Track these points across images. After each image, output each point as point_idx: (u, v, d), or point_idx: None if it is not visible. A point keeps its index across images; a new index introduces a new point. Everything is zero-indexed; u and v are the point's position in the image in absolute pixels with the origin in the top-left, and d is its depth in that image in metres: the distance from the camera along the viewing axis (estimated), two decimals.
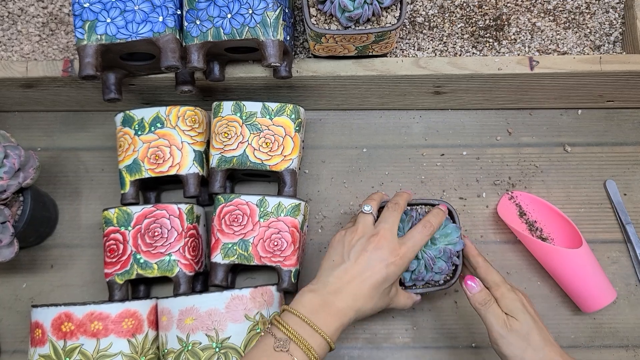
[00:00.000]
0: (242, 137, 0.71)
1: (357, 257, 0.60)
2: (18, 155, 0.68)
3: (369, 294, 0.59)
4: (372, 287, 0.59)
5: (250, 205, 0.69)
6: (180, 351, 0.63)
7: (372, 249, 0.60)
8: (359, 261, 0.60)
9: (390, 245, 0.60)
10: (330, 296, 0.58)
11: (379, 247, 0.60)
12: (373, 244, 0.60)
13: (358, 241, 0.61)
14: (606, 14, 0.79)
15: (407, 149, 0.80)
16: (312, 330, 0.56)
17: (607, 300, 0.70)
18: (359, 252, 0.60)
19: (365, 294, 0.59)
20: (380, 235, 0.61)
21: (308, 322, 0.56)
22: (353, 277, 0.59)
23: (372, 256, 0.60)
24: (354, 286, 0.59)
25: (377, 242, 0.60)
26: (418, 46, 0.77)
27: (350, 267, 0.60)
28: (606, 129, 0.81)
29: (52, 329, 0.63)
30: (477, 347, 0.73)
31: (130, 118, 0.71)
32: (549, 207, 0.75)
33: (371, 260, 0.60)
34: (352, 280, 0.59)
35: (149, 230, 0.68)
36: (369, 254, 0.60)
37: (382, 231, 0.61)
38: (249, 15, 0.64)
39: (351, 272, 0.59)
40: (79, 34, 0.64)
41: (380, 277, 0.59)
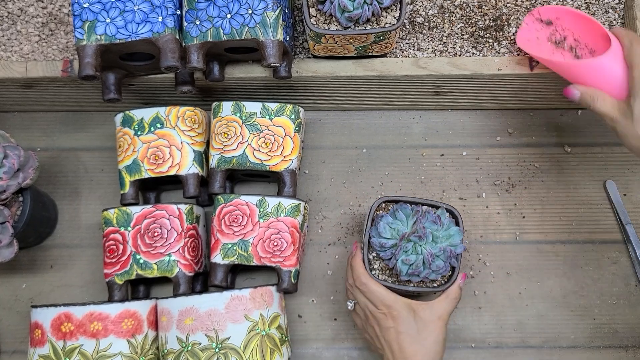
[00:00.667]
0: (242, 137, 0.71)
1: (380, 343, 0.63)
2: (18, 155, 0.68)
3: (414, 352, 0.61)
4: (410, 346, 0.61)
5: (250, 206, 0.69)
6: (179, 351, 0.63)
7: (379, 330, 0.63)
8: (383, 344, 0.63)
9: (378, 315, 0.63)
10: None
11: (379, 324, 0.63)
12: (376, 327, 0.64)
13: (370, 333, 0.65)
14: (606, 14, 0.78)
15: (407, 149, 0.80)
16: None
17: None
18: (378, 339, 0.64)
19: (413, 355, 0.61)
20: (369, 317, 0.64)
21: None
22: (395, 356, 0.62)
23: (383, 333, 0.63)
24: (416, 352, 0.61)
25: (374, 322, 0.64)
26: (418, 46, 0.77)
27: (386, 352, 0.63)
28: (606, 129, 0.80)
29: (52, 330, 0.63)
30: (476, 348, 0.73)
31: (129, 118, 0.71)
32: (567, 11, 0.69)
33: (385, 336, 0.63)
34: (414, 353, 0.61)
35: (149, 230, 0.68)
36: (382, 334, 0.63)
37: (367, 313, 0.64)
38: (248, 15, 0.64)
39: (391, 356, 0.62)
40: (78, 34, 0.64)
41: (402, 336, 0.61)
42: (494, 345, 0.74)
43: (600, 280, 0.75)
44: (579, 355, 0.73)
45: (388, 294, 0.63)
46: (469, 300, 0.75)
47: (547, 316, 0.74)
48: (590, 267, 0.76)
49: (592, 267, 0.76)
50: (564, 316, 0.74)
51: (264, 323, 0.65)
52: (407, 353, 0.61)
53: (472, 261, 0.76)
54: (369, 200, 0.78)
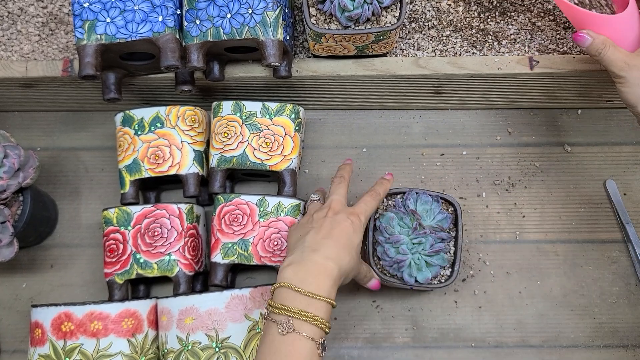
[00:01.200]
0: (242, 136, 0.71)
1: (321, 222, 0.61)
2: (18, 155, 0.68)
3: (344, 245, 0.59)
4: (346, 239, 0.60)
5: (250, 205, 0.69)
6: (180, 351, 0.63)
7: (331, 214, 0.62)
8: (324, 224, 0.61)
9: (344, 207, 0.63)
10: (310, 260, 0.57)
11: (336, 211, 0.62)
12: (331, 211, 0.62)
13: (314, 215, 0.63)
14: None
15: (407, 149, 0.80)
16: (308, 298, 0.54)
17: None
18: (320, 219, 0.62)
19: (341, 246, 0.59)
20: (332, 204, 0.63)
21: (300, 290, 0.55)
22: (324, 236, 0.59)
23: (334, 218, 0.61)
24: (329, 242, 0.59)
25: (333, 208, 0.63)
26: (418, 46, 0.77)
27: (318, 230, 0.60)
28: (606, 128, 0.81)
29: (52, 329, 0.63)
30: (476, 347, 0.73)
31: (130, 118, 0.71)
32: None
33: (334, 220, 0.61)
34: (325, 238, 0.59)
35: (149, 230, 0.68)
36: (330, 218, 0.61)
37: (333, 202, 0.64)
38: (248, 15, 0.64)
39: (321, 233, 0.60)
40: (78, 33, 0.64)
41: (349, 229, 0.60)
42: (494, 344, 0.74)
43: (600, 280, 0.75)
44: (579, 354, 0.73)
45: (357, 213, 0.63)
46: (469, 299, 0.75)
47: (547, 315, 0.74)
48: (590, 267, 0.76)
49: (592, 266, 0.76)
50: (564, 315, 0.74)
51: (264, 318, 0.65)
52: (341, 240, 0.59)
53: (472, 261, 0.76)
54: None
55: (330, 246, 0.58)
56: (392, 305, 0.75)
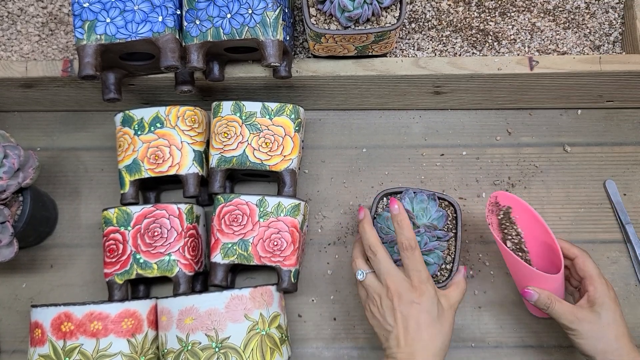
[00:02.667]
0: (242, 137, 0.71)
1: (394, 318, 0.61)
2: (17, 155, 0.68)
3: (431, 336, 0.59)
4: (430, 330, 0.60)
5: (250, 205, 0.69)
6: (179, 351, 0.63)
7: (397, 303, 0.61)
8: (398, 320, 0.60)
9: (402, 285, 0.61)
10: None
11: (400, 296, 0.61)
12: (395, 298, 0.61)
13: (382, 306, 0.62)
14: (606, 14, 0.79)
15: (406, 149, 0.80)
16: None
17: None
18: (390, 314, 0.61)
19: (430, 342, 0.59)
20: (389, 286, 0.61)
21: None
22: (410, 338, 0.60)
23: (403, 308, 0.60)
24: (420, 344, 0.59)
25: (394, 293, 0.61)
26: (418, 46, 0.77)
27: (398, 332, 0.60)
28: (606, 129, 0.81)
29: (52, 329, 0.63)
30: (476, 347, 0.73)
31: (129, 118, 0.71)
32: (535, 218, 0.70)
33: (404, 311, 0.60)
34: (413, 342, 0.59)
35: (149, 230, 0.68)
36: (400, 308, 0.60)
37: (388, 281, 0.61)
38: (248, 15, 0.64)
39: (403, 335, 0.60)
40: (78, 33, 0.64)
41: (425, 316, 0.60)
42: (493, 344, 0.74)
43: None
44: (578, 354, 0.73)
45: (424, 267, 0.62)
46: (469, 299, 0.75)
47: None
48: None
49: None
50: None
51: (264, 322, 0.65)
52: (424, 334, 0.59)
53: (472, 261, 0.76)
54: (369, 200, 0.78)
55: (422, 348, 0.59)
56: None
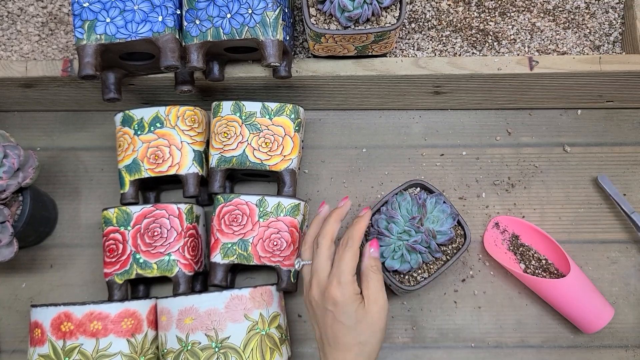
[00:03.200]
0: (242, 137, 0.71)
1: (316, 322, 0.59)
2: (17, 155, 0.68)
3: (351, 346, 0.57)
4: (348, 340, 0.57)
5: (250, 205, 0.69)
6: (179, 351, 0.63)
7: (315, 308, 0.59)
8: (320, 325, 0.59)
9: (320, 289, 0.58)
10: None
11: (317, 304, 0.59)
12: (313, 302, 0.59)
13: (309, 306, 0.61)
14: (606, 14, 0.79)
15: (406, 149, 0.80)
16: None
17: (604, 321, 0.69)
18: (313, 316, 0.60)
19: (348, 351, 0.57)
20: (312, 288, 0.59)
21: None
22: (327, 344, 0.58)
23: (320, 314, 0.58)
24: (335, 353, 0.57)
25: (312, 297, 0.59)
26: (417, 46, 0.77)
27: (319, 335, 0.59)
28: (606, 129, 0.81)
29: (52, 329, 0.63)
30: (476, 347, 0.73)
31: (129, 118, 0.71)
32: (535, 230, 0.74)
33: (321, 319, 0.58)
34: (330, 349, 0.58)
35: (149, 230, 0.68)
36: (317, 315, 0.59)
37: (312, 282, 0.59)
38: (248, 15, 0.64)
39: (322, 340, 0.59)
40: (78, 33, 0.64)
41: (341, 327, 0.57)
42: (493, 345, 0.74)
43: (600, 280, 0.75)
44: (578, 355, 0.73)
45: (352, 278, 0.58)
46: (469, 300, 0.75)
47: (547, 316, 0.74)
48: (590, 267, 0.76)
49: (591, 266, 0.76)
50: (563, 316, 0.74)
51: (264, 322, 0.65)
52: (340, 343, 0.57)
53: (472, 261, 0.76)
54: (368, 200, 0.78)
55: (337, 357, 0.57)
56: (392, 305, 0.75)
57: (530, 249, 0.74)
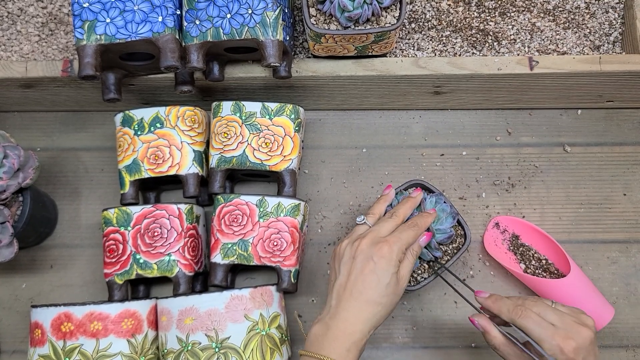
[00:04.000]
0: (242, 137, 0.71)
1: (347, 267, 0.59)
2: (17, 155, 0.68)
3: (368, 300, 0.57)
4: (371, 291, 0.57)
5: (250, 206, 0.69)
6: (179, 351, 0.63)
7: (358, 254, 0.59)
8: (350, 271, 0.59)
9: (375, 241, 0.59)
10: (332, 320, 0.57)
11: (363, 249, 0.59)
12: (358, 248, 0.59)
13: (345, 250, 0.60)
14: (606, 14, 0.79)
15: (406, 149, 0.80)
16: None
17: (604, 320, 0.69)
18: (347, 261, 0.59)
19: (365, 301, 0.57)
20: (365, 238, 0.60)
21: (314, 355, 0.56)
22: (349, 291, 0.58)
23: (359, 260, 0.59)
24: (353, 302, 0.57)
25: (361, 244, 0.59)
26: (418, 46, 0.77)
27: (344, 281, 0.59)
28: (606, 129, 0.81)
29: (52, 329, 0.63)
30: (477, 347, 0.73)
31: (129, 118, 0.71)
32: (535, 230, 0.74)
33: (358, 264, 0.58)
34: (349, 297, 0.58)
35: (149, 230, 0.68)
36: (357, 260, 0.59)
37: (368, 234, 0.60)
38: (248, 15, 0.64)
39: (346, 287, 0.58)
40: (78, 34, 0.64)
41: (374, 279, 0.57)
42: None
43: (600, 280, 0.75)
44: None
45: (405, 250, 0.60)
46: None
47: None
48: (590, 267, 0.76)
49: (591, 266, 0.76)
50: None
51: (264, 323, 0.65)
52: (363, 297, 0.57)
53: (472, 261, 0.76)
54: (369, 200, 0.78)
55: (353, 308, 0.57)
56: None
57: (531, 249, 0.74)
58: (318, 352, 0.56)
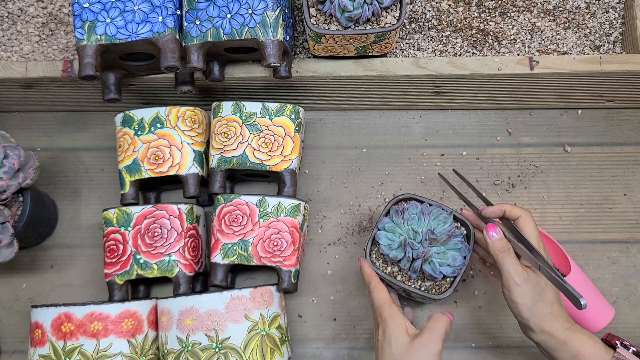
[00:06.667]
0: (242, 137, 0.71)
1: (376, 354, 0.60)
2: (18, 155, 0.68)
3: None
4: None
5: (250, 206, 0.69)
6: (180, 351, 0.63)
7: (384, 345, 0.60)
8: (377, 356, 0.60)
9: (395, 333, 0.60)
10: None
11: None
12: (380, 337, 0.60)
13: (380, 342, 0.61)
14: (606, 14, 0.79)
15: (407, 149, 0.80)
16: None
17: (604, 320, 0.68)
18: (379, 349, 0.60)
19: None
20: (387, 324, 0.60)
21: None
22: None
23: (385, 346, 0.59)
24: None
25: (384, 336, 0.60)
26: (418, 46, 0.77)
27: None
28: (606, 129, 0.81)
29: (52, 329, 0.63)
30: (477, 347, 0.73)
31: (130, 118, 0.71)
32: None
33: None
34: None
35: (149, 230, 0.68)
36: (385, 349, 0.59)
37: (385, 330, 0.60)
38: (248, 15, 0.64)
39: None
40: (78, 34, 0.64)
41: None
42: (494, 344, 0.74)
43: (600, 280, 0.75)
44: None
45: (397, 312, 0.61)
46: (470, 300, 0.75)
47: None
48: (590, 267, 0.76)
49: (592, 266, 0.76)
50: None
51: (264, 323, 0.65)
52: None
53: (473, 261, 0.76)
54: (369, 200, 0.78)
55: None
56: None
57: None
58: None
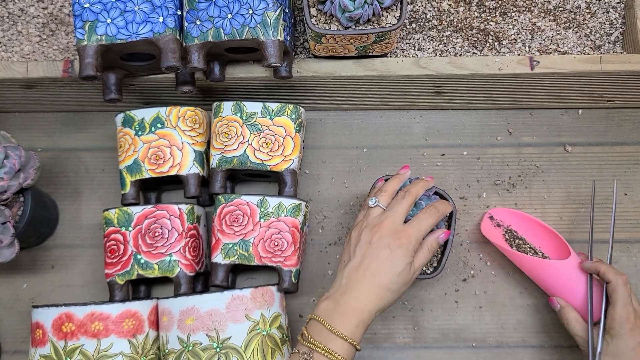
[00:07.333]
0: (243, 137, 0.71)
1: (362, 251, 0.60)
2: (18, 155, 0.68)
3: (380, 284, 0.59)
4: (384, 276, 0.59)
5: (251, 206, 0.69)
6: (180, 351, 0.63)
7: (375, 240, 0.60)
8: (365, 255, 0.60)
9: (394, 229, 0.60)
10: (342, 297, 0.59)
11: (382, 236, 0.60)
12: (377, 235, 0.60)
13: (361, 235, 0.62)
14: (606, 13, 0.78)
15: (407, 149, 0.80)
16: (331, 334, 0.56)
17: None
18: (363, 245, 0.61)
19: (377, 285, 0.59)
20: (383, 224, 0.61)
21: (325, 325, 0.57)
22: (362, 273, 0.59)
23: (375, 246, 0.60)
24: (365, 283, 0.59)
25: (380, 231, 0.60)
26: (418, 46, 0.77)
27: (357, 263, 0.60)
28: (607, 128, 0.81)
29: (53, 330, 0.63)
30: (477, 347, 0.73)
31: (130, 118, 0.71)
32: (529, 219, 0.74)
33: (374, 250, 0.60)
34: (362, 279, 0.59)
35: (150, 230, 0.68)
36: (373, 245, 0.60)
37: (385, 220, 0.61)
38: (249, 15, 0.64)
39: (359, 268, 0.60)
40: (79, 34, 0.64)
41: (388, 266, 0.59)
42: (494, 344, 0.74)
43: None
44: (579, 354, 0.73)
45: (421, 240, 0.62)
46: (470, 299, 0.75)
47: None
48: None
49: None
50: None
51: (265, 323, 0.65)
52: (375, 281, 0.58)
53: (473, 261, 0.76)
54: None
55: (364, 288, 0.58)
56: (393, 305, 0.75)
57: (526, 242, 0.74)
58: (329, 323, 0.57)
